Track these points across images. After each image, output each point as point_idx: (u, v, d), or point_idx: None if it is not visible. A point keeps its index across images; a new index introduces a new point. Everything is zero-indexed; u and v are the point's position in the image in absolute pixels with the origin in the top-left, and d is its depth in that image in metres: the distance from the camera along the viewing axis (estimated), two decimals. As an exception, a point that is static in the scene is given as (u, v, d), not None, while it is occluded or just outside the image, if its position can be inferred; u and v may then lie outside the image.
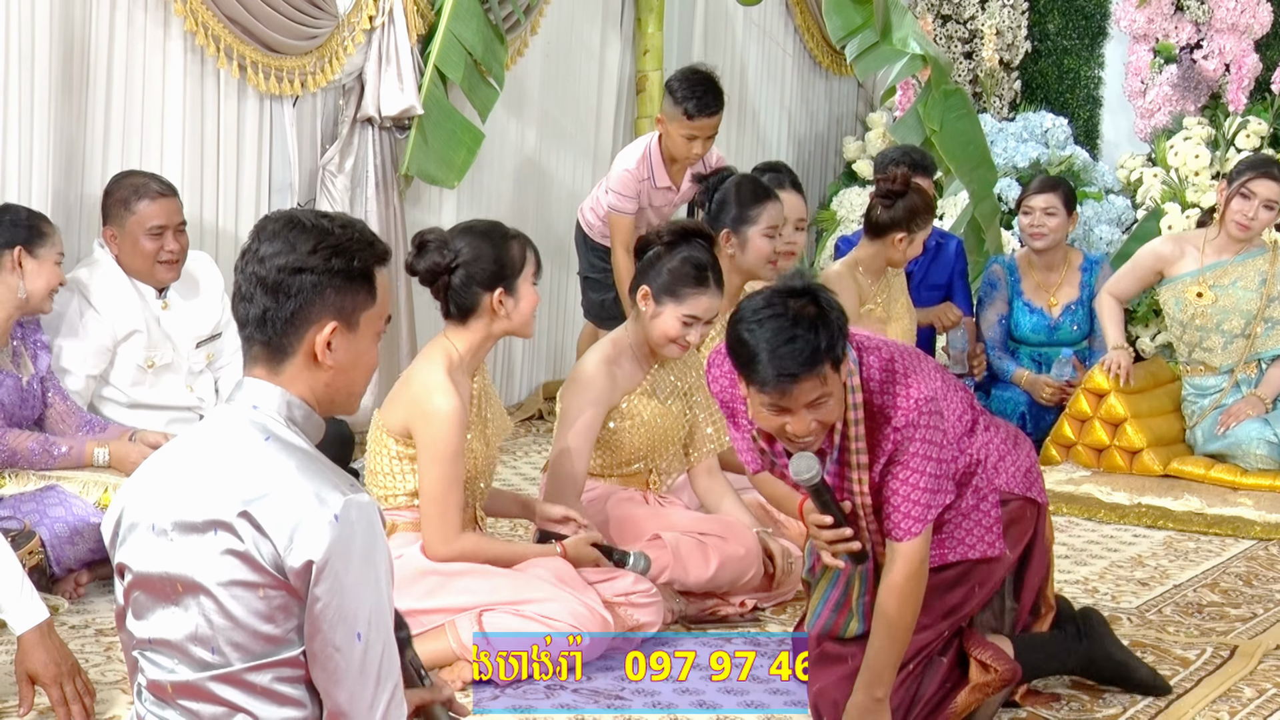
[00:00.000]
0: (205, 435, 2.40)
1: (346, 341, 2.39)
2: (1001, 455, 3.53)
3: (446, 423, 3.80)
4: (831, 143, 8.82)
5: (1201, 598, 4.66)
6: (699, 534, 4.29)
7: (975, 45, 8.74)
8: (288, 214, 2.41)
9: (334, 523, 2.25)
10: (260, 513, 2.26)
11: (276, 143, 5.74)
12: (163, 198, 4.76)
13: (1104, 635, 3.74)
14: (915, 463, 3.22)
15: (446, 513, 3.85)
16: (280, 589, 2.27)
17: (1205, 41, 7.99)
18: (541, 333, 7.11)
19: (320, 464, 2.33)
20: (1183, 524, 5.47)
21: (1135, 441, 5.99)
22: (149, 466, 2.44)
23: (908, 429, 3.21)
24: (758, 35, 8.18)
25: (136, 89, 5.23)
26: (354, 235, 2.39)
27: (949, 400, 3.40)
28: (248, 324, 2.38)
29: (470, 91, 6.22)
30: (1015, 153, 7.90)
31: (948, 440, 3.30)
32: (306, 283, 2.34)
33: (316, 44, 5.69)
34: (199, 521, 2.31)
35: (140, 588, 2.39)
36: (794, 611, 4.32)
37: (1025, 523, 3.56)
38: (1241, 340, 6.01)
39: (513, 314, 3.93)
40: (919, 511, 3.23)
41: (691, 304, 4.25)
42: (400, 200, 6.11)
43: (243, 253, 2.40)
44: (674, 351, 4.33)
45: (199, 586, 2.31)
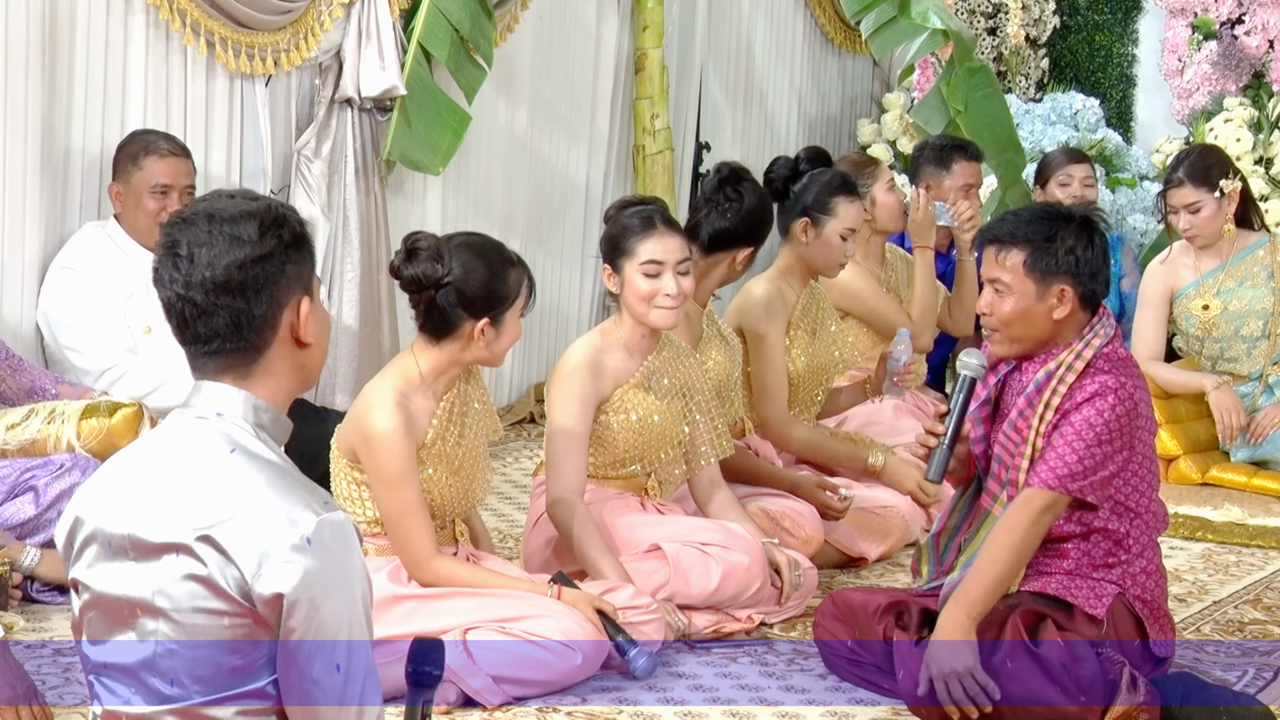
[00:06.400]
0: (166, 445, 2.36)
1: (315, 311, 2.39)
2: (1151, 570, 3.77)
3: (384, 445, 3.79)
4: (845, 126, 8.81)
5: (1243, 615, 4.65)
6: (701, 544, 4.28)
7: (999, 20, 8.73)
8: (195, 212, 2.34)
9: (305, 547, 2.21)
10: (225, 536, 2.23)
11: (248, 126, 5.73)
12: (173, 156, 5.01)
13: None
14: (1083, 428, 3.58)
15: (410, 537, 3.84)
16: (247, 617, 2.24)
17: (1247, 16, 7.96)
18: (533, 332, 7.09)
19: (291, 478, 2.30)
20: (1223, 535, 5.46)
21: (1171, 448, 5.97)
22: (107, 473, 2.41)
23: (1096, 399, 3.59)
24: (766, 9, 8.17)
25: (98, 67, 5.23)
26: (273, 202, 2.39)
27: (1148, 433, 3.72)
28: (216, 336, 2.33)
29: (456, 70, 6.20)
30: (1043, 136, 7.89)
31: (1124, 438, 3.61)
32: (270, 269, 2.32)
33: (291, 19, 5.68)
34: (157, 543, 2.28)
35: (96, 608, 2.37)
36: (804, 628, 4.31)
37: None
38: (1265, 342, 5.99)
39: (491, 345, 3.90)
40: (1062, 468, 3.57)
41: (645, 249, 4.24)
42: (381, 187, 6.10)
43: (170, 267, 2.31)
44: (661, 317, 4.27)
45: (158, 611, 2.28)
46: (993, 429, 3.79)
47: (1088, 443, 3.60)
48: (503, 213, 6.81)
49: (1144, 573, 3.73)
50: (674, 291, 4.25)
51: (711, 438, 4.51)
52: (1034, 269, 3.67)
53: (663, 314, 4.28)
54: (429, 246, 3.87)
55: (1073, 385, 3.65)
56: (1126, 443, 3.63)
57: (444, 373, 3.94)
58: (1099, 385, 3.62)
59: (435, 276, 3.84)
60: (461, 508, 4.04)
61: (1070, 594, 3.68)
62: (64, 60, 5.11)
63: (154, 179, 4.97)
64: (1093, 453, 3.60)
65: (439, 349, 3.91)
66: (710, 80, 7.87)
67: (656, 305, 4.26)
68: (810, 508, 4.85)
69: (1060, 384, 3.65)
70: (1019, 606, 3.64)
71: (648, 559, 4.27)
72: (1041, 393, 3.67)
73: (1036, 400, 3.67)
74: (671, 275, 4.25)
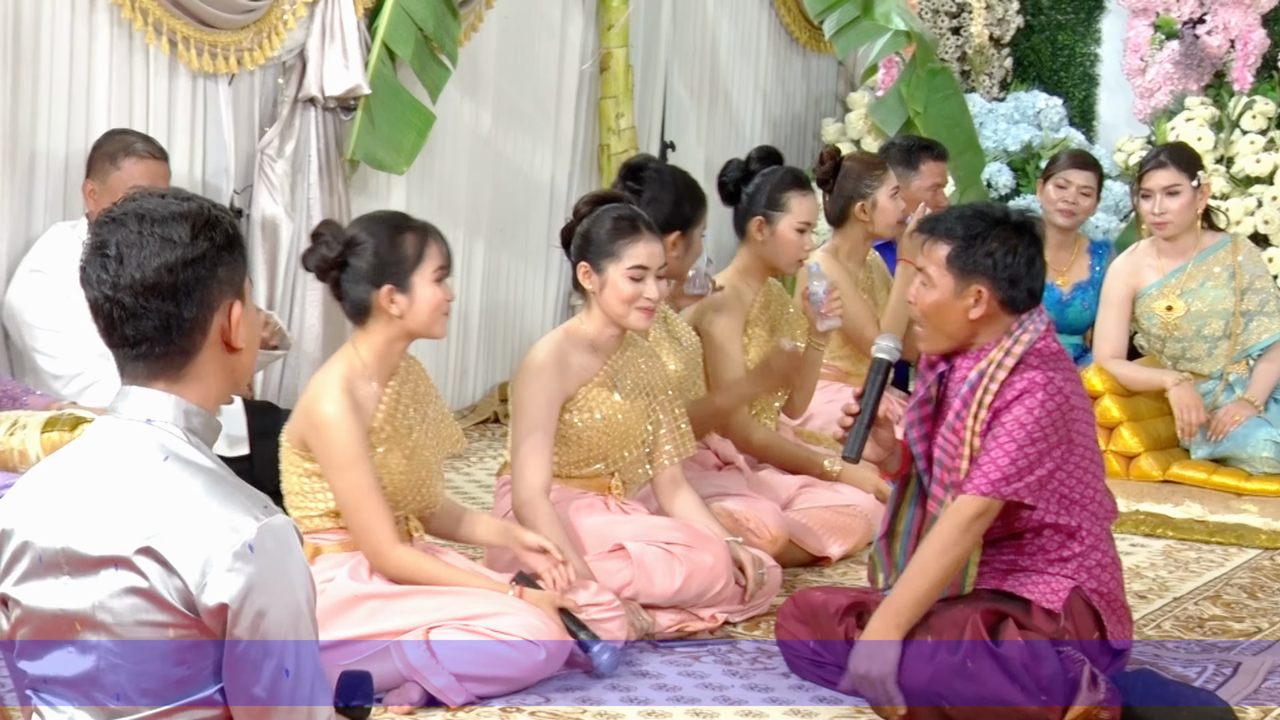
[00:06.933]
0: (97, 454, 2.31)
1: (246, 315, 2.35)
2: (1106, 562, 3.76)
3: (334, 428, 3.82)
4: (810, 125, 8.84)
5: (1203, 611, 4.70)
6: (665, 543, 4.31)
7: (963, 20, 8.77)
8: (125, 212, 2.29)
9: (248, 554, 2.19)
10: (165, 547, 2.20)
11: (211, 125, 5.72)
12: (151, 160, 4.99)
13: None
14: (1014, 428, 3.58)
15: (370, 523, 3.85)
16: (191, 627, 2.22)
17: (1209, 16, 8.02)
18: (498, 331, 7.10)
19: (228, 484, 2.27)
20: (1183, 532, 5.51)
21: (1132, 446, 6.01)
22: (36, 483, 2.35)
23: (1025, 396, 3.58)
24: (730, 9, 8.19)
25: (62, 67, 5.21)
26: (205, 202, 2.33)
27: (1085, 424, 3.71)
28: (144, 339, 2.28)
29: (421, 70, 6.21)
30: (1006, 135, 7.93)
31: (1058, 434, 3.60)
32: (202, 272, 2.28)
33: (254, 18, 5.68)
34: (95, 556, 2.23)
35: (29, 624, 2.32)
36: (767, 628, 4.34)
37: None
38: (1226, 342, 6.05)
39: (408, 313, 3.91)
40: (994, 473, 3.57)
41: (632, 254, 4.28)
42: (346, 187, 6.11)
43: (99, 267, 2.27)
44: (640, 319, 4.33)
45: (99, 625, 2.24)
46: (935, 429, 3.80)
47: (1019, 443, 3.59)
48: (467, 212, 6.82)
49: (1099, 565, 3.74)
50: (655, 295, 4.31)
51: (674, 437, 4.54)
52: (954, 265, 3.68)
53: (641, 316, 4.33)
54: (329, 231, 3.95)
55: (1004, 383, 3.64)
56: (1062, 438, 3.63)
57: (384, 356, 3.96)
58: (1027, 382, 3.61)
59: (332, 258, 3.89)
60: (416, 502, 4.04)
61: (1026, 590, 3.70)
62: (28, 60, 5.09)
63: (131, 181, 4.90)
64: (1025, 453, 3.59)
65: (368, 331, 3.94)
66: (675, 80, 7.89)
67: (638, 308, 4.31)
68: (773, 505, 4.88)
69: (991, 382, 3.65)
70: (978, 605, 3.66)
71: (612, 558, 4.29)
72: (975, 392, 3.67)
73: (970, 400, 3.67)
74: (653, 279, 4.30)
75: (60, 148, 5.23)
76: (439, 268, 3.94)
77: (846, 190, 5.76)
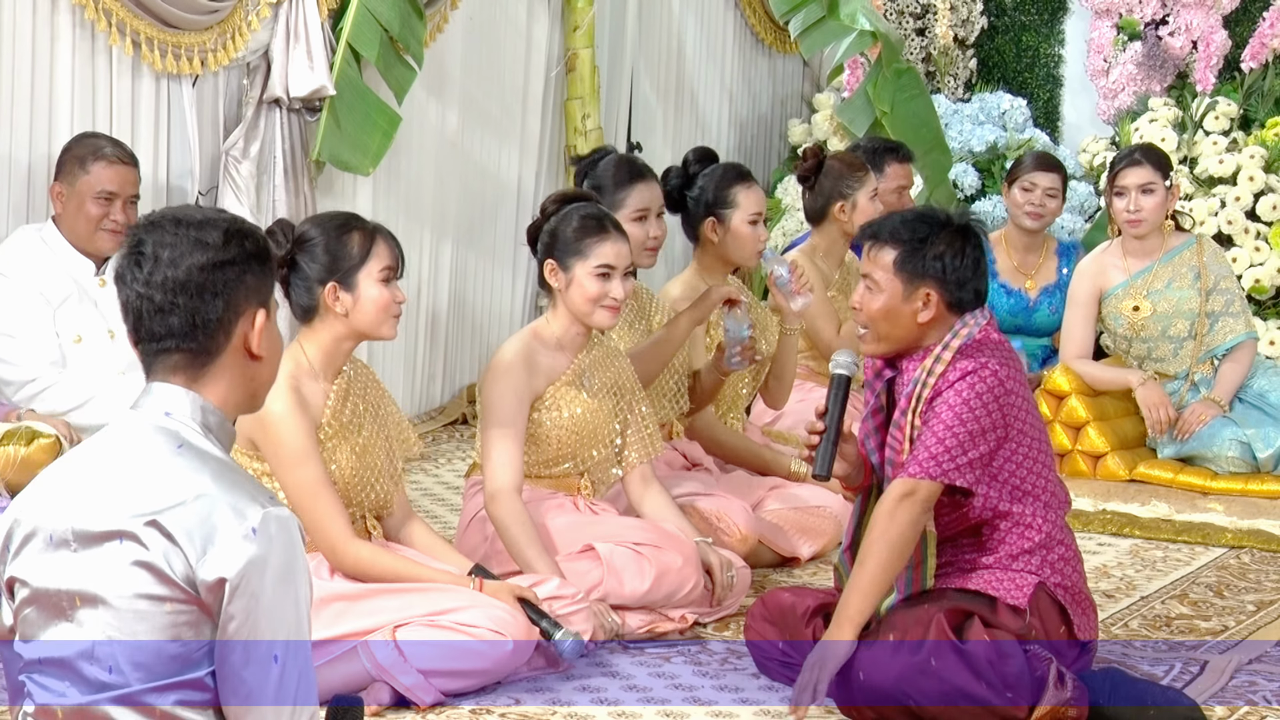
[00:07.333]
0: (110, 442, 2.40)
1: (270, 328, 2.45)
2: (1068, 556, 3.78)
3: (281, 424, 3.83)
4: (775, 125, 8.86)
5: (1170, 610, 4.72)
6: (634, 544, 4.32)
7: (928, 21, 8.80)
8: (166, 215, 2.42)
9: (251, 536, 2.26)
10: (171, 522, 2.27)
11: (175, 126, 5.70)
12: (121, 164, 4.97)
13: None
14: (943, 412, 3.62)
15: (323, 519, 3.84)
16: (190, 604, 2.28)
17: (1171, 17, 8.07)
18: (465, 332, 7.10)
19: (237, 474, 2.35)
20: (1150, 531, 5.53)
21: (1099, 445, 6.05)
22: (48, 475, 2.44)
23: (958, 382, 3.62)
24: (696, 9, 8.21)
25: (24, 67, 5.19)
26: (240, 218, 2.46)
27: (1026, 411, 3.71)
28: (171, 335, 2.38)
29: (386, 71, 6.20)
30: (971, 136, 7.97)
31: (990, 417, 3.62)
32: (230, 275, 2.38)
33: (218, 18, 5.66)
34: (102, 531, 2.31)
35: (34, 604, 2.38)
36: (737, 628, 4.35)
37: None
38: (1191, 342, 6.09)
39: (352, 311, 3.91)
40: (924, 455, 3.59)
41: (599, 253, 4.31)
42: (311, 188, 6.09)
43: (134, 264, 2.38)
44: (605, 318, 4.36)
45: (99, 600, 2.31)
46: (887, 435, 3.81)
47: (948, 424, 3.61)
48: (434, 213, 6.81)
49: (1062, 560, 3.76)
50: (621, 295, 4.33)
51: (643, 437, 4.55)
52: (902, 269, 3.70)
53: (606, 314, 4.36)
54: (281, 229, 3.95)
55: (940, 375, 3.68)
56: (997, 421, 3.64)
57: (331, 355, 3.97)
58: (959, 370, 3.65)
59: (282, 255, 3.89)
60: (368, 500, 4.02)
61: (991, 587, 3.71)
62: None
63: (99, 185, 4.91)
64: (955, 434, 3.61)
65: (315, 330, 3.96)
66: (641, 80, 7.90)
67: (603, 306, 4.34)
68: (743, 505, 4.89)
69: (930, 376, 3.69)
70: (943, 605, 3.67)
71: (581, 559, 4.30)
72: (916, 387, 3.70)
73: (913, 395, 3.71)
74: (619, 279, 4.32)
75: (23, 150, 5.21)
76: (386, 268, 3.95)
77: (826, 189, 5.78)
